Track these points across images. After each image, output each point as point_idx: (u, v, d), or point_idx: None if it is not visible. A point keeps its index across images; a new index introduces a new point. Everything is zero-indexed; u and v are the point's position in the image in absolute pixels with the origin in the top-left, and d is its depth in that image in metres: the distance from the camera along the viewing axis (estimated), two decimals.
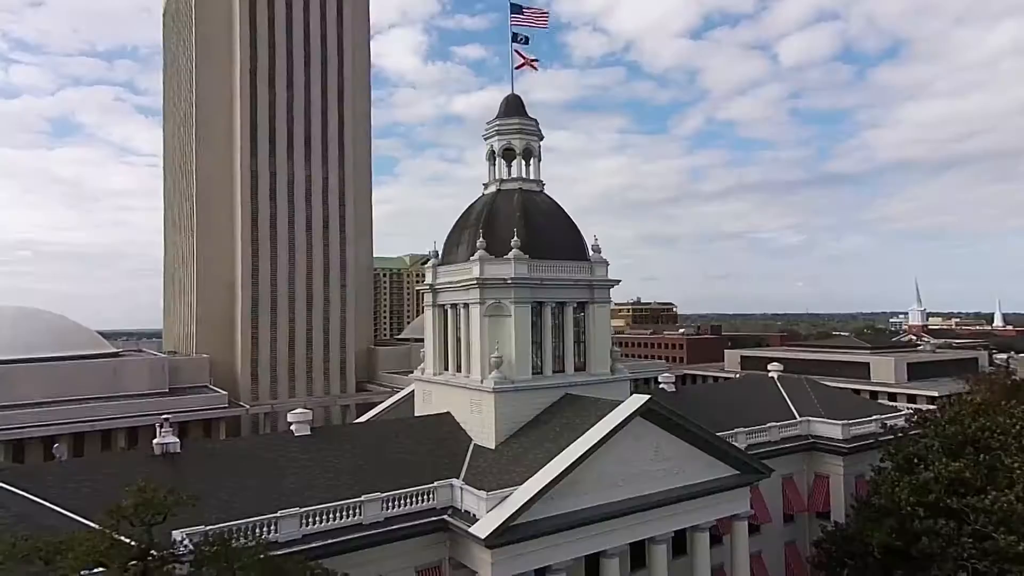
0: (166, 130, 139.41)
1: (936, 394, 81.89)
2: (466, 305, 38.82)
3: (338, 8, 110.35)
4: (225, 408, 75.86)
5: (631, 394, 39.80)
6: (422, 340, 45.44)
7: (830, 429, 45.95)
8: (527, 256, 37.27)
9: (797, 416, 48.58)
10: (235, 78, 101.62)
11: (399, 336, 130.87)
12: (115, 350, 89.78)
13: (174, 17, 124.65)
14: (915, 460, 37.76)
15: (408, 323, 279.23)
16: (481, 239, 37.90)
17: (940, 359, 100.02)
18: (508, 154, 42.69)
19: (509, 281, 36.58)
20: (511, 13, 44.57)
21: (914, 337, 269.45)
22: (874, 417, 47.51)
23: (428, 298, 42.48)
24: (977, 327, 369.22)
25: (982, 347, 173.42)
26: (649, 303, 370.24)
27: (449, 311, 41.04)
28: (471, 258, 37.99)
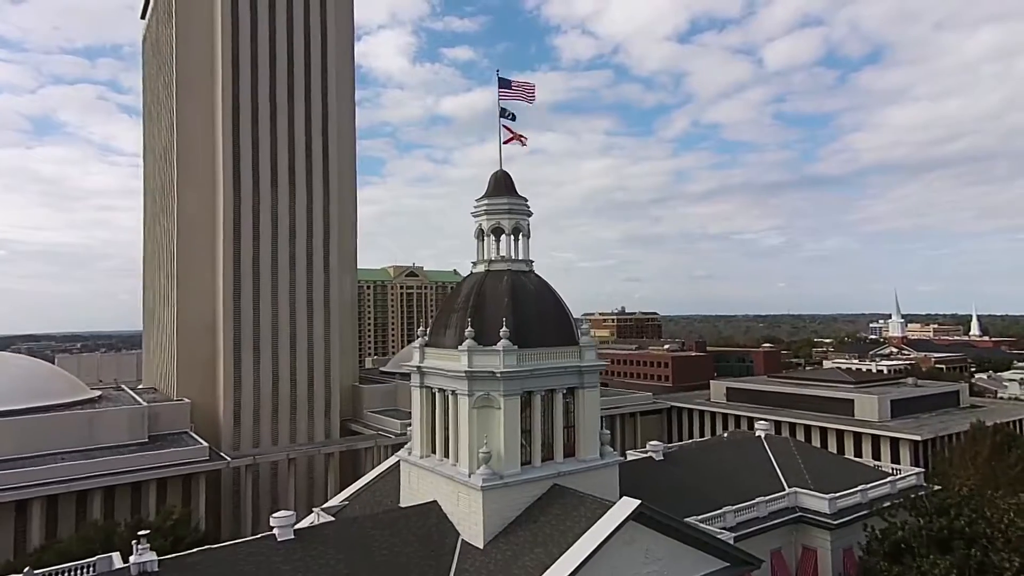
0: (146, 166, 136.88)
1: (919, 438, 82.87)
2: (454, 393, 38.31)
3: (322, 39, 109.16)
4: (206, 461, 74.17)
5: (620, 479, 39.94)
6: (407, 377, 45.09)
7: (817, 503, 46.12)
8: (516, 347, 36.85)
9: (785, 486, 48.85)
10: (217, 115, 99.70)
11: (384, 369, 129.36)
12: (93, 395, 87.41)
13: (154, 48, 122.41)
14: (902, 546, 38.05)
15: (392, 339, 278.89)
16: (469, 328, 37.43)
17: (922, 394, 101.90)
18: (497, 231, 42.43)
19: (498, 375, 36.13)
20: (499, 88, 44.34)
21: (895, 349, 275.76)
22: (859, 488, 47.89)
23: (416, 379, 41.93)
24: (955, 336, 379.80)
25: (960, 374, 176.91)
26: (633, 313, 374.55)
27: (437, 395, 40.48)
28: (459, 347, 37.49)
